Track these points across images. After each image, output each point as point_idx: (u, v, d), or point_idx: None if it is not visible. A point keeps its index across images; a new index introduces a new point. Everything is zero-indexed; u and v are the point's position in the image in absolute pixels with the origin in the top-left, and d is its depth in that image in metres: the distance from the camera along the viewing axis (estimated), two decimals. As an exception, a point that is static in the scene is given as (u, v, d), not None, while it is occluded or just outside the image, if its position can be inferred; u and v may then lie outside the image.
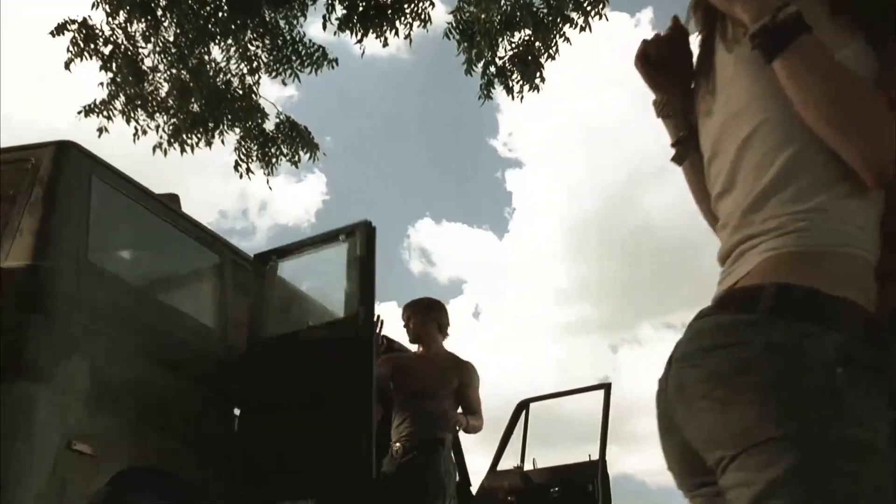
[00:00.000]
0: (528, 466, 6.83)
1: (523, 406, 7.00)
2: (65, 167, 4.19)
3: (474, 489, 6.93)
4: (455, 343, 5.60)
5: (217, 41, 8.26)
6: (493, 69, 7.94)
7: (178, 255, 5.03)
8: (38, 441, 3.79)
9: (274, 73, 8.38)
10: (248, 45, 8.34)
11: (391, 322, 6.70)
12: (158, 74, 8.33)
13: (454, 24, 7.79)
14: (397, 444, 5.21)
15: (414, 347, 5.79)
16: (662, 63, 1.73)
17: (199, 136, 8.32)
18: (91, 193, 4.25)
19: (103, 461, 4.06)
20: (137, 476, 4.23)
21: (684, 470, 1.49)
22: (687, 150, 1.71)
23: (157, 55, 8.22)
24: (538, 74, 7.89)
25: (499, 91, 8.08)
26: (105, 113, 8.13)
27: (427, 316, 5.53)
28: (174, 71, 8.30)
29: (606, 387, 6.65)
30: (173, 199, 5.10)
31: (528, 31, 7.80)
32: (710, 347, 1.35)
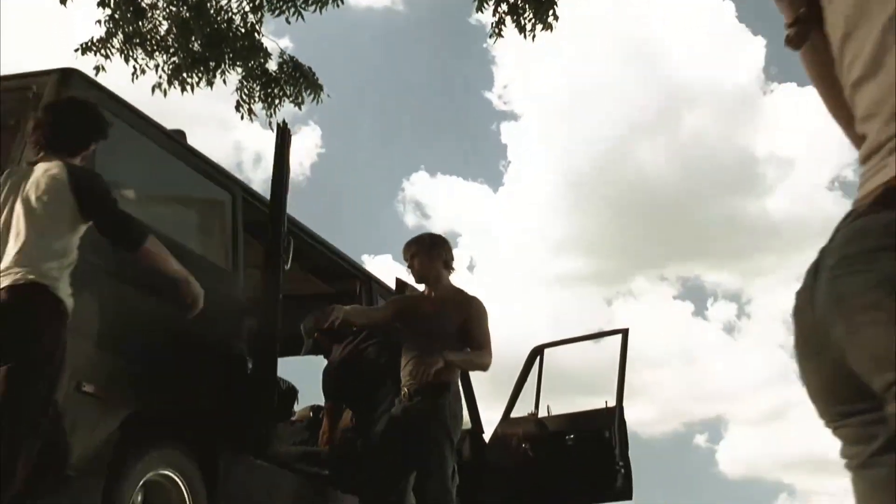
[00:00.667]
0: (542, 413, 6.69)
1: (537, 352, 6.83)
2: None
3: (487, 437, 6.81)
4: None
5: (218, -23, 7.97)
6: (504, 6, 7.68)
7: (188, 191, 4.82)
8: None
9: (277, 11, 8.08)
10: (251, -18, 8.05)
11: (385, 275, 6.46)
12: (158, 12, 8.03)
13: (465, -41, 7.51)
14: (404, 389, 5.03)
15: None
16: None
17: (199, 75, 8.05)
18: (96, 124, 4.02)
19: (114, 404, 3.89)
20: (149, 420, 4.07)
21: (830, 397, 1.28)
22: (807, 30, 1.48)
23: (156, -9, 7.94)
24: (551, 12, 7.63)
25: (495, 41, 7.84)
26: (102, 51, 7.85)
27: (432, 253, 5.26)
28: (174, 8, 8.00)
29: (624, 332, 6.48)
30: (180, 134, 4.87)
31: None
32: (879, 249, 1.14)
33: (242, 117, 8.27)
